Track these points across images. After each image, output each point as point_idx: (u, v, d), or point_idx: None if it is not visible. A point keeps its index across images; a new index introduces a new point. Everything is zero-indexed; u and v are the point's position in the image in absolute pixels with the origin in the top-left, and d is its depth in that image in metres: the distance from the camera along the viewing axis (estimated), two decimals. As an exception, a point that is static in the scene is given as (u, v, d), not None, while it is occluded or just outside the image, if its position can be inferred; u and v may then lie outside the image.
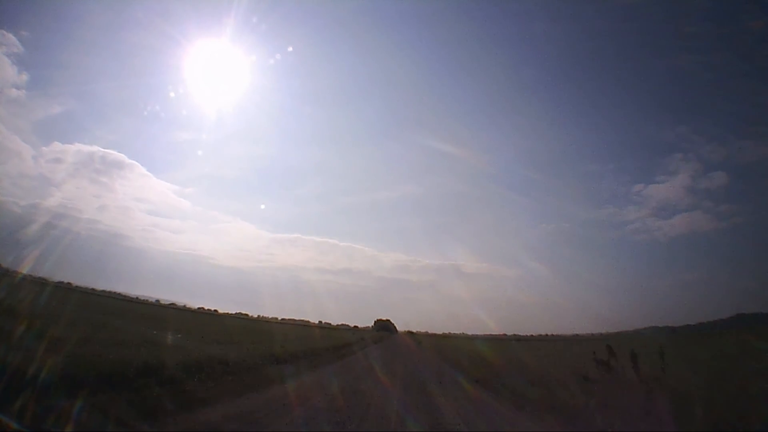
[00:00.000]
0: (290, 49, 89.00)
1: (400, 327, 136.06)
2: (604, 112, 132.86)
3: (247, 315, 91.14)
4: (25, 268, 27.03)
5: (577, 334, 74.09)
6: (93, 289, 63.94)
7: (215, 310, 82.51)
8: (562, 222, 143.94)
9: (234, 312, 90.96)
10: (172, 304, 76.96)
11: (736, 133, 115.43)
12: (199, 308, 79.30)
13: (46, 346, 7.12)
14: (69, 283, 57.62)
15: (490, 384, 14.30)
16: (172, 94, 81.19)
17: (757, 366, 13.68)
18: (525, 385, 12.70)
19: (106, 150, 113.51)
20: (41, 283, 37.35)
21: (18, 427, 4.58)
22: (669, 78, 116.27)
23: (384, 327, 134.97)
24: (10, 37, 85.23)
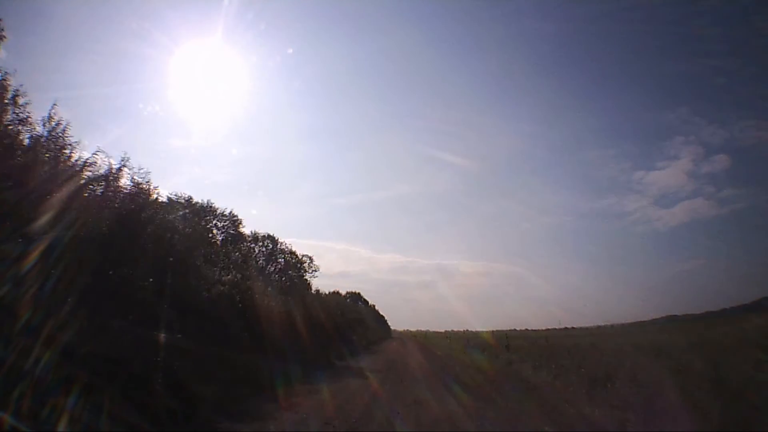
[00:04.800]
0: (290, 51, 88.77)
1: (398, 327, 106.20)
2: (604, 97, 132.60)
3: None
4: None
5: (602, 326, 71.47)
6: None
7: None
8: (562, 215, 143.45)
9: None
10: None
11: (737, 113, 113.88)
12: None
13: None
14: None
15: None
16: (158, 103, 79.97)
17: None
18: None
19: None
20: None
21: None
22: (668, 58, 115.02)
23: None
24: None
